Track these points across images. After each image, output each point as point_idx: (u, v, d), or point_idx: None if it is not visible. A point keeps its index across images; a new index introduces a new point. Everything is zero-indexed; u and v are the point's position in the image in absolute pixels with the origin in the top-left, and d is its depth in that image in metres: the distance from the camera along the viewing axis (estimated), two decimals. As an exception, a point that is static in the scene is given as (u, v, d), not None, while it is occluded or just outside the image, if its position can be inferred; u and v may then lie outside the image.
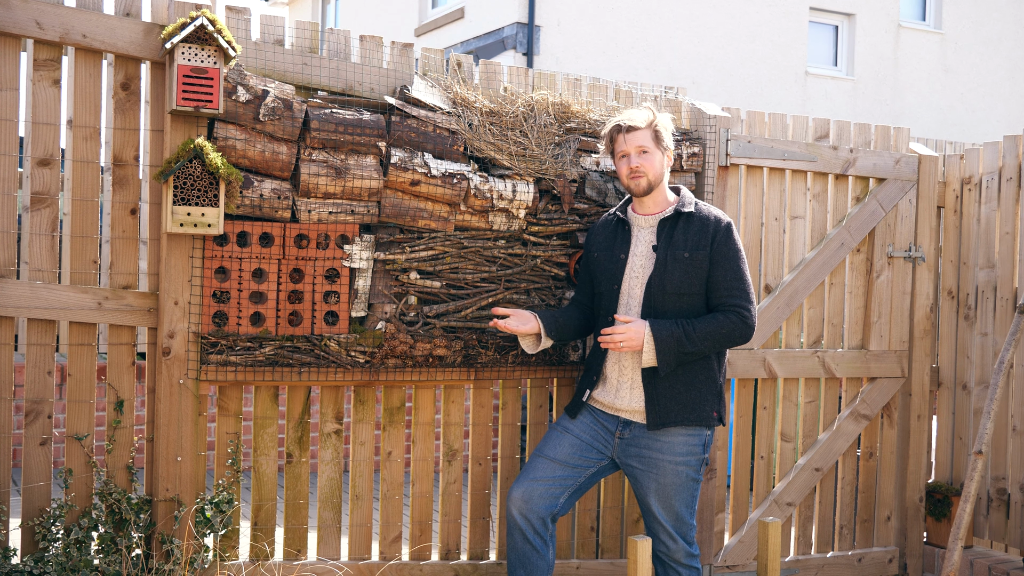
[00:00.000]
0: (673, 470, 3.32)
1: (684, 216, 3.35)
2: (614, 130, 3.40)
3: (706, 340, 3.24)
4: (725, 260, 3.29)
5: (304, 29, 3.44)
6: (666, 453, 3.31)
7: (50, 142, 3.22)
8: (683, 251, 3.29)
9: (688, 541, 3.40)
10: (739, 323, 3.27)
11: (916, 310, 4.51)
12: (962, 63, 15.16)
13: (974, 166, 4.53)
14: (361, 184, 3.39)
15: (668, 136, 3.39)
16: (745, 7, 13.30)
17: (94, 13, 3.16)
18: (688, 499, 3.37)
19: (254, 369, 3.35)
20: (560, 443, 3.42)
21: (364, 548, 3.67)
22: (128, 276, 3.30)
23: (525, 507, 3.36)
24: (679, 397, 3.29)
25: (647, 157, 3.35)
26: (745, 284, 3.31)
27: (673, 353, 3.22)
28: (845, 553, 4.46)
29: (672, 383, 3.29)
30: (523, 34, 11.81)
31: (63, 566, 3.13)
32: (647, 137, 3.35)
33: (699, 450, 3.35)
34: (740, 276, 3.30)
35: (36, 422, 3.20)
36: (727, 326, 3.25)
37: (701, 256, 3.28)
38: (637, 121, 3.35)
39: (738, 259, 3.32)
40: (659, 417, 3.29)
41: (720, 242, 3.30)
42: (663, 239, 3.34)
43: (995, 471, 4.39)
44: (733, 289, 3.28)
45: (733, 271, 3.29)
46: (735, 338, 3.28)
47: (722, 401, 3.39)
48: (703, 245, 3.29)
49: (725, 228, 3.33)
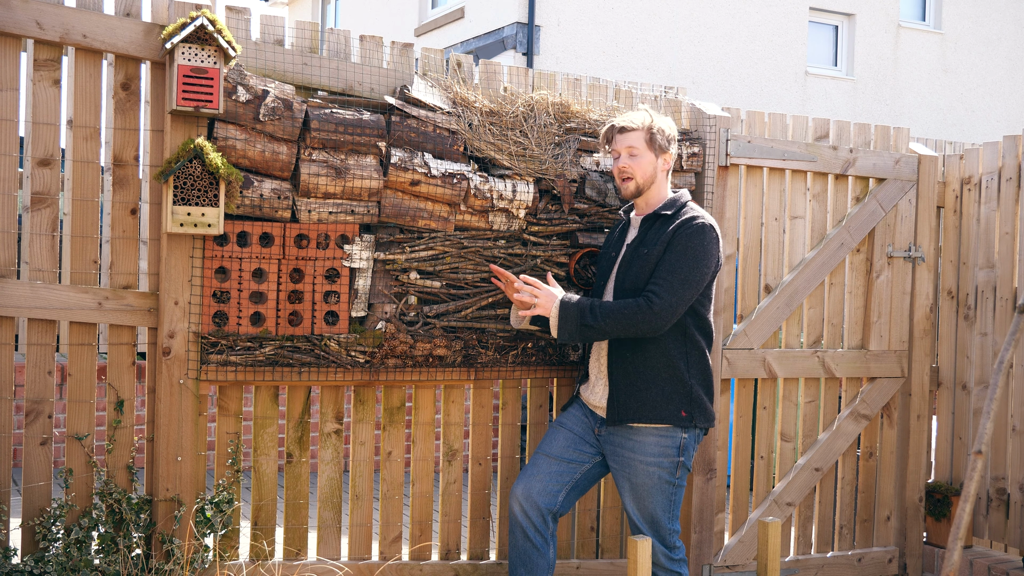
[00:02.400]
0: (644, 471, 3.31)
1: (662, 217, 3.36)
2: (609, 130, 3.43)
3: (607, 318, 3.20)
4: (670, 252, 3.25)
5: (304, 29, 3.44)
6: (637, 453, 3.31)
7: (50, 142, 3.22)
8: (645, 248, 3.31)
9: (667, 545, 3.37)
10: (643, 306, 3.19)
11: (916, 310, 4.51)
12: (962, 63, 15.16)
13: (974, 166, 4.53)
14: (361, 184, 3.39)
15: (665, 140, 3.38)
16: (745, 7, 13.30)
17: (94, 13, 3.17)
18: (663, 502, 3.33)
19: (254, 369, 3.35)
20: (555, 438, 3.46)
21: (364, 548, 3.67)
22: (128, 276, 3.30)
23: (526, 503, 3.38)
24: (639, 394, 3.28)
25: (636, 159, 3.36)
26: (674, 276, 3.22)
27: (574, 323, 3.24)
28: (845, 553, 4.46)
29: (633, 379, 3.29)
30: (523, 34, 11.81)
31: (63, 566, 3.13)
32: (639, 139, 3.35)
33: (672, 452, 3.30)
34: (674, 269, 3.22)
35: (36, 422, 3.20)
36: (631, 307, 3.21)
37: (657, 251, 3.28)
38: (631, 123, 3.36)
39: (683, 255, 3.23)
40: (617, 412, 3.31)
41: (677, 237, 3.26)
42: (638, 237, 3.39)
43: (995, 471, 4.39)
44: (659, 277, 3.23)
45: (670, 263, 3.23)
46: (637, 321, 3.19)
47: (694, 401, 3.30)
48: (663, 242, 3.28)
49: (691, 228, 3.26)
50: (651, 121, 3.37)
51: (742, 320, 4.20)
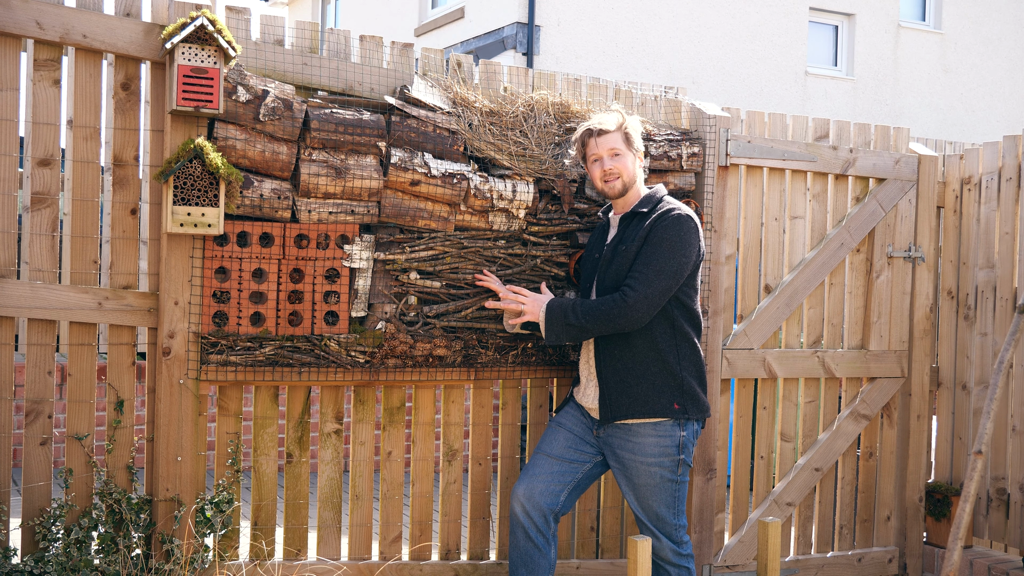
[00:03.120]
0: (646, 471, 3.32)
1: (639, 215, 3.36)
2: (585, 134, 3.41)
3: (587, 315, 3.25)
4: (647, 245, 3.25)
5: (304, 29, 3.44)
6: (637, 454, 3.31)
7: (50, 142, 3.22)
8: (624, 245, 3.32)
9: (675, 540, 3.38)
10: (618, 300, 3.21)
11: (916, 310, 4.51)
12: (962, 63, 15.16)
13: (974, 166, 4.53)
14: (361, 184, 3.39)
15: (638, 137, 3.40)
16: (745, 7, 13.30)
17: (94, 13, 3.17)
18: (667, 499, 3.34)
19: (254, 369, 3.35)
20: (556, 438, 3.46)
21: (364, 548, 3.67)
22: (128, 276, 3.31)
23: (528, 503, 3.38)
24: (629, 390, 3.29)
25: (619, 159, 3.36)
26: (649, 268, 3.21)
27: (559, 324, 3.31)
28: (845, 553, 4.46)
29: (622, 376, 3.30)
30: (523, 34, 11.81)
31: (63, 566, 3.13)
32: (618, 140, 3.36)
33: (672, 451, 3.31)
34: (648, 261, 3.22)
35: (36, 422, 3.20)
36: (607, 303, 3.23)
37: (635, 248, 3.28)
38: (607, 124, 3.36)
39: (658, 247, 3.23)
40: (609, 410, 3.32)
41: (654, 230, 3.26)
42: (616, 236, 3.40)
43: (995, 471, 4.39)
44: (636, 271, 3.24)
45: (645, 255, 3.24)
46: (614, 316, 3.21)
47: (686, 393, 3.30)
48: (640, 237, 3.28)
49: (667, 219, 3.26)
50: (623, 120, 3.38)
51: (742, 320, 4.20)
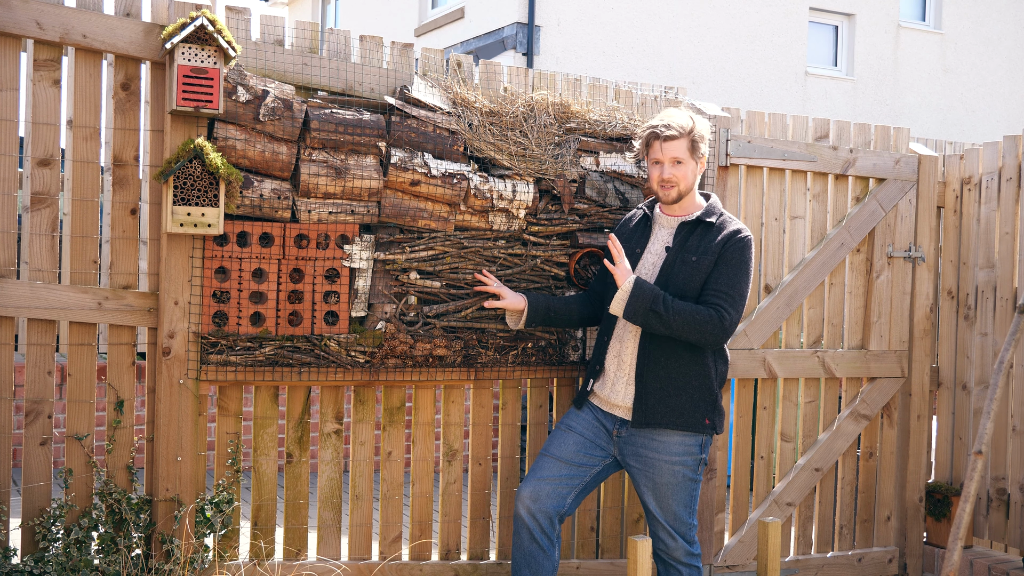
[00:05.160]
0: (669, 470, 3.33)
1: (704, 224, 3.34)
2: (651, 135, 3.34)
3: (678, 315, 3.19)
4: (726, 266, 3.27)
5: (304, 29, 3.44)
6: (662, 453, 3.32)
7: (50, 142, 3.22)
8: (692, 255, 3.29)
9: (688, 540, 3.40)
10: (715, 318, 3.21)
11: (916, 310, 4.51)
12: (962, 63, 15.16)
13: (974, 166, 4.53)
14: (361, 184, 3.39)
15: (704, 144, 3.35)
16: (745, 7, 13.30)
17: (94, 13, 3.17)
18: (686, 499, 3.38)
19: (254, 369, 3.35)
20: (565, 442, 3.44)
21: (364, 548, 3.67)
22: (128, 276, 3.30)
23: (534, 506, 3.37)
24: (668, 400, 3.29)
25: (680, 168, 3.32)
26: (735, 292, 3.26)
27: (643, 304, 3.20)
28: (845, 553, 4.46)
29: (663, 384, 3.30)
30: (523, 34, 11.81)
31: (63, 566, 3.13)
32: (683, 148, 3.30)
33: (696, 451, 3.35)
34: (734, 283, 3.26)
35: (36, 422, 3.20)
36: (703, 314, 3.21)
37: (707, 261, 3.27)
38: (676, 130, 3.29)
39: (739, 270, 3.27)
40: (645, 416, 3.31)
41: (729, 250, 3.28)
42: (678, 241, 3.35)
43: (995, 471, 4.39)
44: (721, 292, 3.25)
45: (728, 277, 3.26)
46: (707, 331, 3.21)
47: (717, 410, 3.37)
48: (712, 252, 3.28)
49: (739, 240, 3.29)
50: (693, 126, 3.32)
51: (742, 320, 4.20)
